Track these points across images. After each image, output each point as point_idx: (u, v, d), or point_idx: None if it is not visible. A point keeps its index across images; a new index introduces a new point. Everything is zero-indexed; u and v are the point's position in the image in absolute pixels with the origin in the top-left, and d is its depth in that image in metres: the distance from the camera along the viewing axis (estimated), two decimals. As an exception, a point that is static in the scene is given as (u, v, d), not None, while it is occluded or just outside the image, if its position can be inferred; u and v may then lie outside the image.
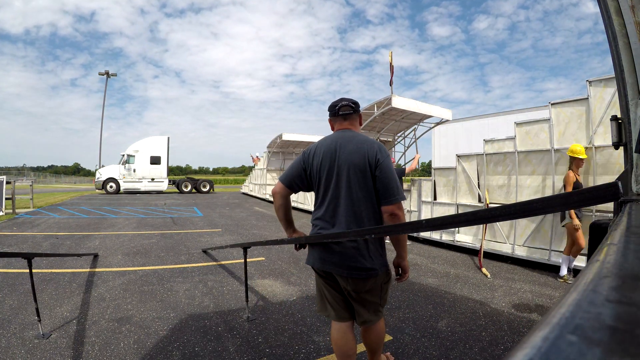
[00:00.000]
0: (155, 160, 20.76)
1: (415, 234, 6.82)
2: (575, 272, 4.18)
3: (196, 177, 26.50)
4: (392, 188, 1.68)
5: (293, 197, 13.20)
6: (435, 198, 6.61)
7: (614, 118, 1.00)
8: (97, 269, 4.38)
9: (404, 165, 9.61)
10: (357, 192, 1.70)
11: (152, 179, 20.72)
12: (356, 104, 1.92)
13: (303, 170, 1.85)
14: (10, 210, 9.68)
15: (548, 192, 4.82)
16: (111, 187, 19.93)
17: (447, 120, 10.13)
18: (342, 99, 1.93)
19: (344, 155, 1.74)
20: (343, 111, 1.89)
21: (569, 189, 4.02)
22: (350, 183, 1.71)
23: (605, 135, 4.24)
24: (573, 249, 4.03)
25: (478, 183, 5.92)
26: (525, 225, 5.06)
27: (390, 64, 8.68)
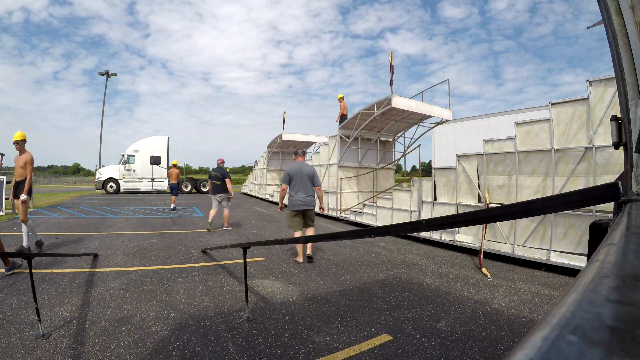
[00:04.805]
0: (155, 160, 20.74)
1: (415, 234, 6.82)
2: (575, 272, 4.19)
3: (196, 177, 26.49)
4: (319, 181, 5.29)
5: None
6: (435, 198, 6.61)
7: (614, 118, 1.00)
8: (97, 269, 4.38)
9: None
10: (308, 182, 5.08)
11: (152, 179, 20.71)
12: (305, 151, 5.30)
13: (289, 177, 5.09)
14: (10, 210, 9.68)
15: (548, 192, 4.82)
16: (111, 187, 19.92)
17: (447, 120, 10.12)
18: (299, 149, 5.51)
19: (303, 172, 5.08)
20: (301, 154, 5.31)
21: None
22: (305, 180, 5.06)
23: (605, 135, 4.25)
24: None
25: (478, 183, 5.92)
26: (525, 225, 5.06)
27: (391, 64, 8.68)
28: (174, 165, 12.63)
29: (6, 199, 9.67)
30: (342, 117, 10.85)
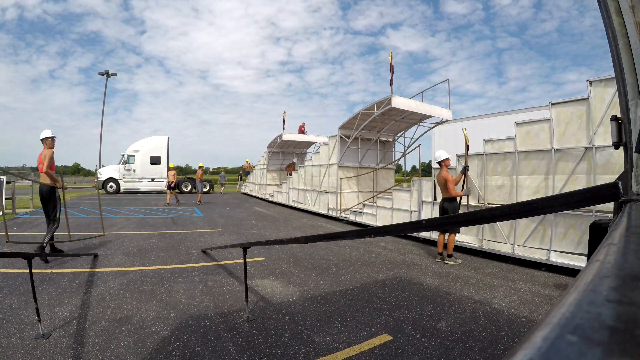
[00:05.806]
0: (155, 160, 20.74)
1: (415, 234, 6.82)
2: (575, 272, 4.19)
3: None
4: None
5: (293, 197, 13.25)
6: (435, 198, 6.61)
7: (614, 118, 1.00)
8: (97, 269, 4.39)
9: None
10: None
11: (152, 179, 20.71)
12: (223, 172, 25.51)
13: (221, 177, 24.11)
14: (11, 210, 9.67)
15: (548, 192, 4.82)
16: (111, 187, 19.92)
17: (447, 120, 10.12)
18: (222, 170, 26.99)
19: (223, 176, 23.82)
20: (222, 172, 25.05)
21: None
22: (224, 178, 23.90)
23: (605, 135, 4.24)
24: None
25: (478, 183, 5.92)
26: (525, 225, 5.06)
27: (391, 64, 8.68)
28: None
29: (7, 198, 9.66)
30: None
